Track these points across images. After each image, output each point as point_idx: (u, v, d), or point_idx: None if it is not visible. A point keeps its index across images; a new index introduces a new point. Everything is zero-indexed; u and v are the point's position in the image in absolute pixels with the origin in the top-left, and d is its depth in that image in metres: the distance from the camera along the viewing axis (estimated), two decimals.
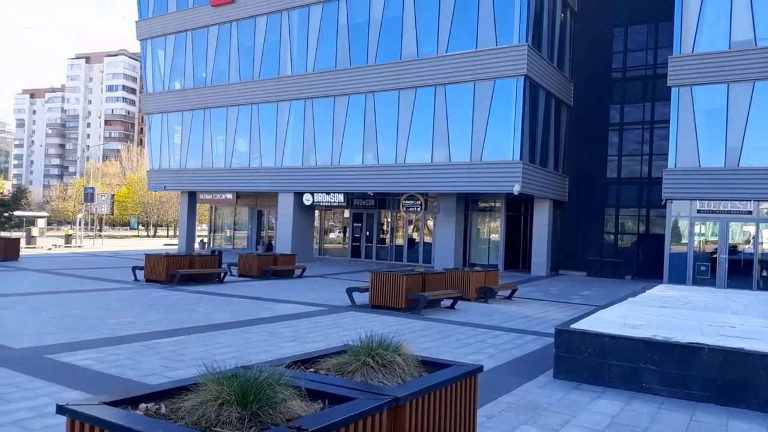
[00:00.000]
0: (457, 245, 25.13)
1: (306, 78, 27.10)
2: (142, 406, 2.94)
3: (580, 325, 7.55)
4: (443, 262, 24.26)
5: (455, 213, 25.08)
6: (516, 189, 21.48)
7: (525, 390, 6.62)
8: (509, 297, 15.57)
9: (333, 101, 26.39)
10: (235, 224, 35.99)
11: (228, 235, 36.37)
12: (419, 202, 25.06)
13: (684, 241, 20.60)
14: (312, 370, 3.88)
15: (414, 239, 28.89)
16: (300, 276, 20.21)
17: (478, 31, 22.74)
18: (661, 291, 12.87)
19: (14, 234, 32.47)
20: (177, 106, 31.80)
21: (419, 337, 9.58)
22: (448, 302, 13.48)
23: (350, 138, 25.99)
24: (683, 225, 20.67)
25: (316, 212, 30.78)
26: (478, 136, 22.63)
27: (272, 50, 28.45)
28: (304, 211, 28.59)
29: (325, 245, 32.06)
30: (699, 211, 20.13)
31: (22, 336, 8.43)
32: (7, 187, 76.14)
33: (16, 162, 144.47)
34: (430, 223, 27.89)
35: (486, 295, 14.71)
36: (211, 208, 36.93)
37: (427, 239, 28.13)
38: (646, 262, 24.39)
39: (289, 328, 10.05)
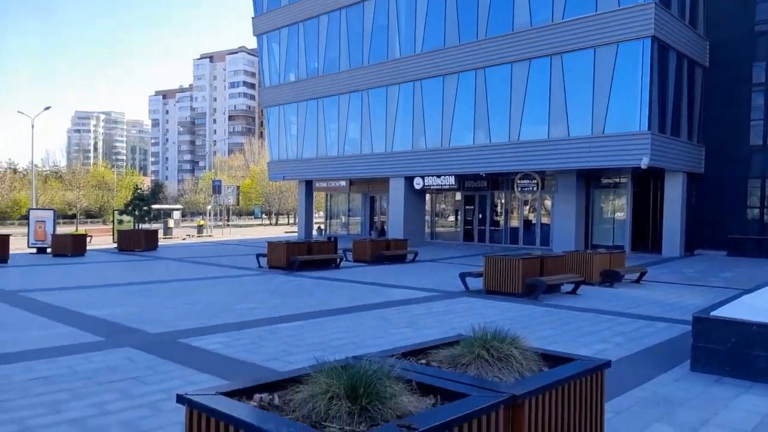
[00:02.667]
0: (578, 226, 23.89)
1: (414, 59, 26.92)
2: (257, 396, 2.95)
3: (722, 312, 6.79)
4: (563, 245, 23.20)
5: (575, 191, 23.81)
6: (645, 162, 19.94)
7: (658, 383, 6.06)
8: (638, 281, 14.52)
9: (442, 81, 26.00)
10: (349, 210, 36.90)
11: (343, 221, 37.39)
12: (535, 182, 24.03)
13: None
14: (423, 362, 3.73)
15: (530, 221, 27.90)
16: (412, 260, 20.23)
17: None
18: None
19: (153, 226, 35.50)
20: (292, 98, 33.00)
21: (538, 324, 9.15)
22: (568, 287, 12.81)
23: (460, 118, 25.52)
24: None
25: (427, 196, 30.67)
26: (600, 107, 21.24)
27: (380, 34, 28.58)
28: (415, 195, 28.59)
29: (436, 229, 31.91)
30: None
31: (159, 321, 9.10)
32: (146, 183, 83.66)
33: (153, 159, 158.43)
34: (548, 203, 26.77)
35: (611, 278, 13.81)
36: (327, 195, 38.10)
37: (545, 220, 27.05)
38: None
39: (402, 314, 10.02)
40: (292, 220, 73.99)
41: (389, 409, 2.77)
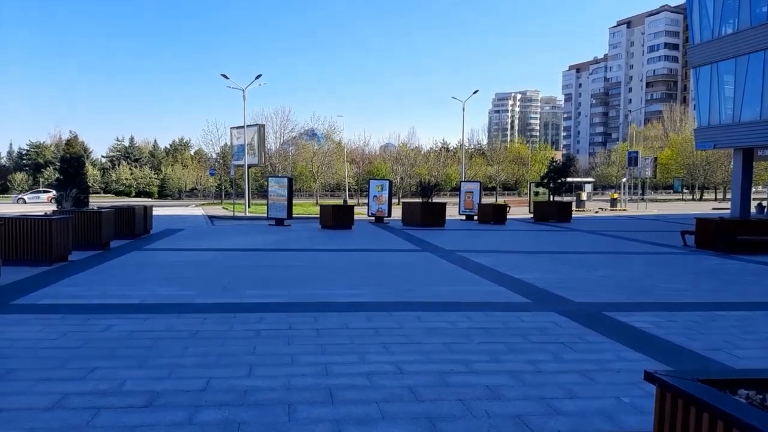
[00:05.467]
0: None
1: None
2: (742, 392, 2.37)
3: None
4: None
5: None
6: None
7: None
8: None
9: None
10: None
11: None
12: None
13: None
14: None
15: None
16: None
17: None
18: None
19: (566, 198, 36.00)
20: (728, 53, 28.36)
21: None
22: None
23: None
24: None
25: None
26: None
27: None
28: None
29: None
30: None
31: (580, 291, 8.95)
32: (558, 156, 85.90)
33: (565, 133, 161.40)
34: None
35: None
36: None
37: None
38: None
39: None
40: (720, 195, 64.97)
41: None
